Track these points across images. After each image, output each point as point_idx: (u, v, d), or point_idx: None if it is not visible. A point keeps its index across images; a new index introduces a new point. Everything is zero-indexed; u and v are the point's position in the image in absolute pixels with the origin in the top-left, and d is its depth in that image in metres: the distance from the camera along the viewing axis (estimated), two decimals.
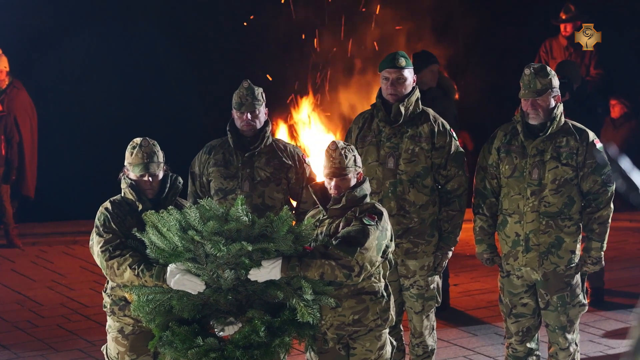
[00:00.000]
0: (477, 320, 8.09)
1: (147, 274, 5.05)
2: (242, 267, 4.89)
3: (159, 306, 5.01)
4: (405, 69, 6.17)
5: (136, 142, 5.47)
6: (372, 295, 5.28)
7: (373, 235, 5.09)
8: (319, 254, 5.01)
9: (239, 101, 6.26)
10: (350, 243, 5.05)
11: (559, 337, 6.09)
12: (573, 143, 5.97)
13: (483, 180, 6.15)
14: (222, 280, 4.93)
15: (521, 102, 6.02)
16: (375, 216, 5.15)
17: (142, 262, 5.10)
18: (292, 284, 4.99)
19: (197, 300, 4.99)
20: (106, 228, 5.30)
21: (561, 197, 5.96)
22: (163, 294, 5.00)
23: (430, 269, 6.24)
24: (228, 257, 4.86)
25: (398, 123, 6.19)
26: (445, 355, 7.29)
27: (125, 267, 5.14)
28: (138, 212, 5.32)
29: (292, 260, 4.96)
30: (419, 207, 6.18)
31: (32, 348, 7.68)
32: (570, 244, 6.00)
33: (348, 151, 5.30)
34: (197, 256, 4.90)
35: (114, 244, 5.24)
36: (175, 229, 4.89)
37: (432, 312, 6.34)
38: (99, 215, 5.38)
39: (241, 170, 6.29)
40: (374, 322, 5.29)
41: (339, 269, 5.00)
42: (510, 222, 6.06)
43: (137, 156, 5.42)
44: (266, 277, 4.95)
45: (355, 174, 5.31)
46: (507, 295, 6.14)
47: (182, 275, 4.95)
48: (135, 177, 5.43)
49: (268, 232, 4.93)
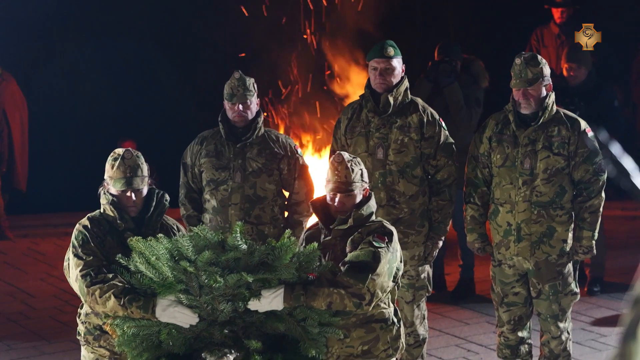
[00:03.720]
0: (469, 309, 8.10)
1: (134, 305, 4.46)
2: (240, 298, 4.41)
3: (146, 341, 4.47)
4: (394, 58, 6.16)
5: (118, 154, 4.90)
6: (382, 323, 4.85)
7: (384, 259, 4.62)
8: (326, 281, 4.51)
9: (231, 92, 6.25)
10: (361, 269, 4.56)
11: (551, 326, 6.10)
12: (565, 132, 5.97)
13: (474, 169, 6.15)
14: (218, 312, 4.42)
15: (512, 92, 6.02)
16: (385, 237, 4.69)
17: (128, 291, 4.52)
18: (295, 315, 4.49)
19: (189, 333, 4.48)
20: (85, 249, 4.72)
21: (553, 187, 5.97)
22: (151, 328, 4.46)
23: (421, 258, 6.25)
24: (225, 289, 4.37)
25: (387, 113, 6.18)
26: (437, 345, 7.31)
27: (109, 296, 4.53)
28: (119, 232, 4.83)
29: (296, 288, 4.45)
30: (409, 197, 6.19)
31: (25, 339, 7.68)
32: (562, 233, 6.00)
33: (355, 164, 4.87)
34: (190, 287, 4.40)
35: (96, 268, 4.65)
36: (165, 259, 4.38)
37: (423, 301, 6.36)
38: (77, 234, 4.79)
39: (233, 161, 6.28)
40: (385, 352, 4.88)
41: (348, 298, 4.52)
42: (502, 211, 6.06)
43: (118, 169, 4.85)
44: (267, 308, 4.44)
45: (361, 190, 4.87)
46: (499, 284, 6.15)
47: (173, 308, 4.42)
48: (116, 193, 4.87)
49: (269, 260, 4.43)
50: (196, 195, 6.38)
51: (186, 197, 6.38)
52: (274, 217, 6.29)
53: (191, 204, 6.36)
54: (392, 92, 6.16)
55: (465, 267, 8.38)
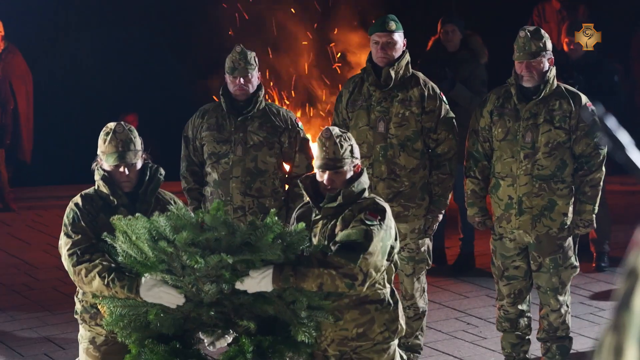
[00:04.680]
0: (468, 282, 8.08)
1: (118, 285, 4.34)
2: (224, 280, 4.24)
3: (134, 321, 4.35)
4: (396, 32, 6.12)
5: (110, 128, 4.72)
6: (378, 304, 4.61)
7: (377, 237, 4.40)
8: (316, 261, 4.30)
9: (232, 66, 6.21)
10: (352, 248, 4.36)
11: (551, 299, 6.08)
12: (566, 106, 5.94)
13: (475, 143, 6.11)
14: (203, 294, 4.27)
15: (515, 65, 5.97)
16: (377, 214, 4.45)
17: (114, 270, 4.38)
18: (285, 297, 4.31)
19: (177, 314, 4.34)
20: (75, 227, 4.57)
21: (554, 160, 5.94)
22: (137, 308, 4.33)
23: (421, 232, 6.23)
24: (207, 270, 4.19)
25: (388, 87, 6.15)
26: (436, 317, 7.29)
27: (94, 275, 4.41)
28: (112, 208, 4.65)
29: (285, 269, 4.26)
30: (410, 170, 6.15)
31: (28, 310, 7.68)
32: (562, 206, 5.98)
33: (344, 140, 4.64)
34: (173, 268, 4.24)
35: (83, 247, 4.52)
36: (144, 238, 4.21)
37: (423, 274, 6.34)
38: (68, 212, 4.64)
39: (234, 134, 6.24)
40: (381, 334, 4.65)
41: (340, 279, 4.30)
42: (503, 185, 6.03)
43: (110, 144, 4.68)
44: (256, 289, 4.26)
45: (351, 166, 4.64)
46: (500, 257, 6.13)
47: (158, 288, 4.28)
48: (109, 168, 4.71)
49: (252, 241, 4.23)
50: (197, 168, 6.35)
51: (187, 170, 6.36)
52: (275, 190, 6.26)
53: (192, 177, 6.34)
54: (393, 66, 6.12)
55: (465, 241, 8.35)
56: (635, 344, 1.26)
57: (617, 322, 1.30)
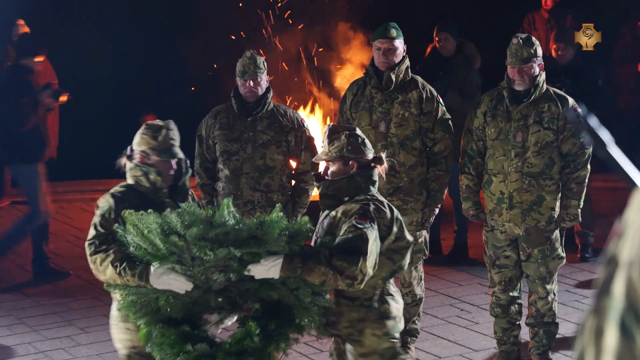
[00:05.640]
0: (462, 271, 8.07)
1: (129, 273, 4.30)
2: (231, 270, 4.20)
3: (145, 306, 4.32)
4: (396, 39, 6.11)
5: (159, 125, 4.69)
6: (349, 301, 4.47)
7: (371, 238, 4.31)
8: (324, 259, 4.23)
9: (242, 69, 6.20)
10: (351, 251, 4.26)
11: (539, 287, 6.07)
12: (554, 109, 5.94)
13: (470, 142, 6.11)
14: (212, 282, 4.23)
15: (507, 69, 5.97)
16: (367, 217, 4.34)
17: (125, 259, 4.33)
18: (288, 284, 4.26)
19: (186, 299, 4.29)
20: (104, 220, 4.51)
21: (543, 159, 5.93)
22: (148, 295, 4.30)
23: (419, 224, 6.22)
24: (216, 261, 4.15)
25: (389, 90, 6.14)
26: (432, 304, 7.28)
27: (107, 264, 4.37)
28: (156, 202, 4.58)
29: (294, 260, 4.20)
30: (409, 167, 6.15)
31: (54, 297, 7.68)
32: (550, 201, 5.97)
33: (337, 138, 4.51)
34: (183, 259, 4.20)
35: (102, 238, 4.47)
36: (156, 233, 4.18)
37: (420, 264, 6.33)
38: (103, 204, 4.58)
39: (244, 134, 6.24)
40: (346, 329, 4.49)
41: (342, 280, 4.23)
42: (495, 181, 6.03)
43: (165, 140, 4.66)
44: (264, 275, 4.21)
45: (343, 163, 4.51)
46: (491, 248, 6.12)
47: (168, 275, 4.24)
48: (157, 162, 4.65)
49: (259, 234, 4.18)
50: (210, 165, 6.35)
51: (201, 166, 6.36)
52: (282, 185, 6.26)
53: (205, 173, 6.35)
54: (394, 70, 6.11)
55: (459, 233, 8.34)
56: (614, 326, 1.26)
57: (598, 306, 1.30)
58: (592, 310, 1.31)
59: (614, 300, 1.27)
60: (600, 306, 1.29)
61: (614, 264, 1.30)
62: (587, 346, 1.30)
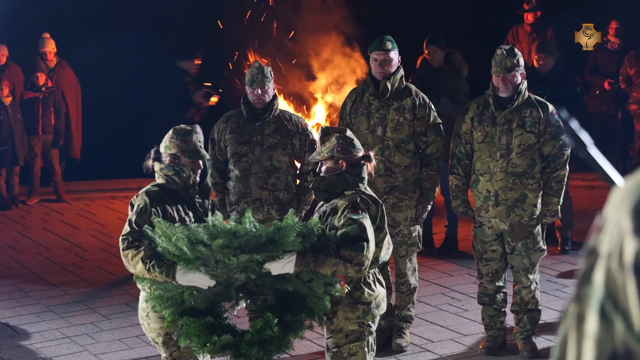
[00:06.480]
0: (452, 263, 8.08)
1: (157, 270, 4.34)
2: (252, 270, 4.29)
3: (171, 299, 4.40)
4: (391, 51, 6.13)
5: (187, 129, 4.71)
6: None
7: (368, 226, 4.40)
8: (333, 252, 4.30)
9: (251, 78, 6.22)
10: (354, 241, 4.34)
11: (522, 277, 6.08)
12: (536, 114, 5.95)
13: (458, 145, 6.13)
14: (233, 280, 4.33)
15: (492, 78, 5.98)
16: (358, 210, 4.42)
17: (154, 257, 4.38)
18: (301, 276, 4.33)
19: (209, 292, 4.37)
20: (139, 217, 4.52)
21: (525, 160, 5.94)
22: (174, 290, 4.38)
23: (413, 219, 6.23)
24: (238, 264, 4.25)
25: (385, 97, 6.15)
26: (425, 293, 7.29)
27: (137, 260, 4.41)
28: (187, 199, 4.65)
29: (307, 256, 4.27)
30: (403, 168, 6.16)
31: (78, 286, 7.70)
32: (532, 199, 5.98)
33: (328, 139, 4.60)
34: (208, 263, 4.28)
35: (135, 235, 4.49)
36: (183, 242, 4.25)
37: (414, 256, 6.34)
38: (140, 202, 4.58)
39: (253, 137, 6.26)
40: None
41: (351, 267, 4.30)
42: (482, 180, 6.03)
43: (196, 142, 4.69)
44: (280, 271, 4.28)
45: (332, 162, 4.59)
46: (479, 242, 6.13)
47: (192, 273, 4.30)
48: (189, 163, 4.67)
49: (276, 238, 4.26)
50: (222, 165, 6.37)
51: (213, 167, 6.37)
52: (288, 184, 6.27)
53: (218, 173, 6.36)
54: (389, 79, 6.13)
55: (450, 228, 8.35)
56: (594, 312, 1.28)
57: (580, 294, 1.31)
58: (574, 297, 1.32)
59: (594, 288, 1.29)
60: (581, 294, 1.30)
61: (594, 256, 1.32)
62: (569, 331, 1.31)
